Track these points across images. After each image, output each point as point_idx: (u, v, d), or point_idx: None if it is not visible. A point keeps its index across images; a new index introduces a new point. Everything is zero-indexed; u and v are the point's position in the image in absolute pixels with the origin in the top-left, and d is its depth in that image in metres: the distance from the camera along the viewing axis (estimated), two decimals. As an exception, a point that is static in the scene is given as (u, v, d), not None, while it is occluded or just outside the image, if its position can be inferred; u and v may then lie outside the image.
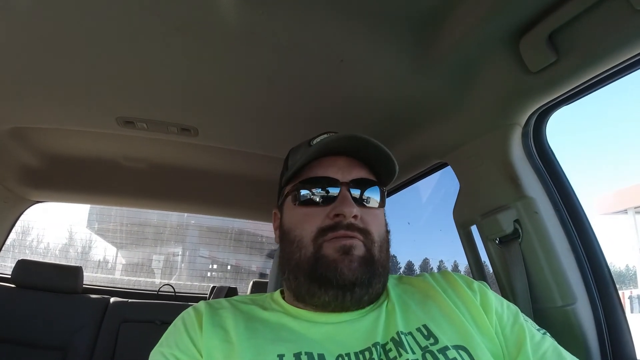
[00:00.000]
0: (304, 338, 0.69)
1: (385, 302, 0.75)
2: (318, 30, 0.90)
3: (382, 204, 0.79)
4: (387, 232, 0.81)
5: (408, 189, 1.66)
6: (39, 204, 2.44)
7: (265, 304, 0.78)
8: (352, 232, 0.71)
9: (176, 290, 2.71)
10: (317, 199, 0.75)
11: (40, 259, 3.81)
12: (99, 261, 8.53)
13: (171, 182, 2.07)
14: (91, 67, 1.07)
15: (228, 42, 0.94)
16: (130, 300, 2.31)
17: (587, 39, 0.77)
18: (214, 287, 2.69)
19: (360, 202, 0.75)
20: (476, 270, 1.21)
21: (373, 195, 0.78)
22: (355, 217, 0.72)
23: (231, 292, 2.58)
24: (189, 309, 0.75)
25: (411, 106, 1.15)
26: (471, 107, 1.06)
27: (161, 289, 2.69)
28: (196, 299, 2.71)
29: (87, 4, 0.84)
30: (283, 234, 0.80)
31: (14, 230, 2.41)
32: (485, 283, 0.81)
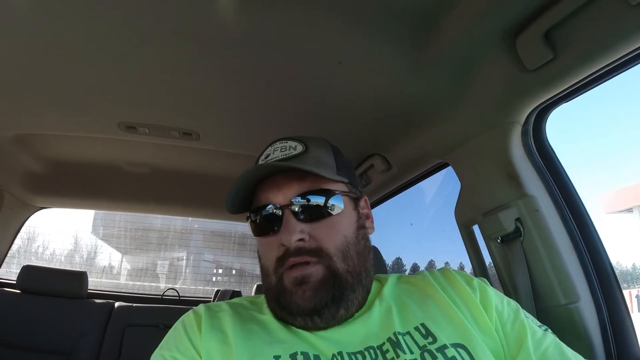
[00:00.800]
0: (299, 340, 0.69)
1: (377, 303, 0.75)
2: (315, 32, 0.90)
3: (337, 209, 0.74)
4: (358, 230, 0.77)
5: (410, 189, 1.66)
6: (44, 210, 2.46)
7: (262, 307, 0.78)
8: (301, 257, 0.69)
9: (181, 295, 2.71)
10: (267, 229, 0.74)
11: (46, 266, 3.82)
12: (104, 267, 8.57)
13: (174, 187, 2.08)
14: (92, 73, 1.07)
15: (227, 46, 0.94)
16: (134, 304, 2.32)
17: (584, 35, 0.77)
18: (218, 290, 2.70)
19: (311, 217, 0.72)
20: (479, 270, 1.21)
21: (325, 205, 0.73)
22: (302, 240, 0.70)
23: (235, 295, 2.58)
24: (189, 312, 0.76)
25: (410, 107, 1.15)
26: (470, 106, 1.06)
27: (165, 293, 2.69)
28: (200, 303, 2.72)
29: (86, 11, 0.85)
30: (259, 260, 0.80)
31: (19, 237, 2.42)
32: (485, 280, 0.81)
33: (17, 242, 2.42)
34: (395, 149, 1.40)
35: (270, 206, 0.73)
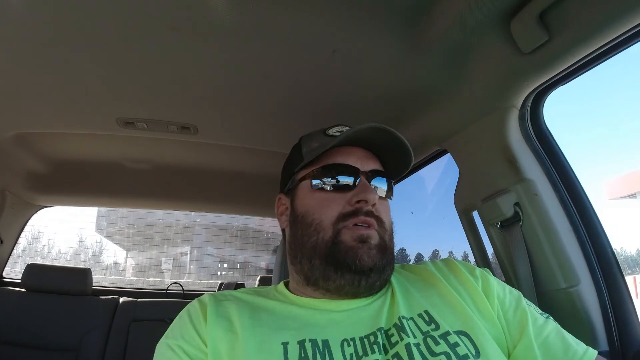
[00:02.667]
0: (308, 325, 0.69)
1: (390, 290, 0.76)
2: (309, 21, 0.90)
3: (390, 195, 0.82)
4: (391, 223, 0.82)
5: (409, 178, 1.66)
6: (48, 210, 2.48)
7: (269, 295, 0.79)
8: (371, 218, 0.73)
9: (185, 289, 2.72)
10: (338, 185, 0.77)
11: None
12: (109, 264, 8.62)
13: (175, 182, 2.09)
14: (88, 70, 1.07)
15: (221, 38, 0.94)
16: (139, 299, 2.33)
17: (578, 16, 0.76)
18: (221, 283, 2.71)
19: (378, 192, 0.77)
20: (479, 255, 1.21)
21: (385, 187, 0.80)
22: (374, 205, 0.74)
23: (239, 287, 2.59)
24: (194, 301, 0.76)
25: (407, 94, 1.14)
26: (467, 91, 1.06)
27: (170, 288, 2.71)
28: (205, 296, 2.73)
29: (80, 9, 0.85)
30: (296, 218, 0.80)
31: (25, 237, 2.43)
32: (487, 269, 0.82)
33: (23, 242, 2.44)
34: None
35: (351, 168, 0.77)
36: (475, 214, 1.19)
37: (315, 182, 0.78)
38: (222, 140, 1.55)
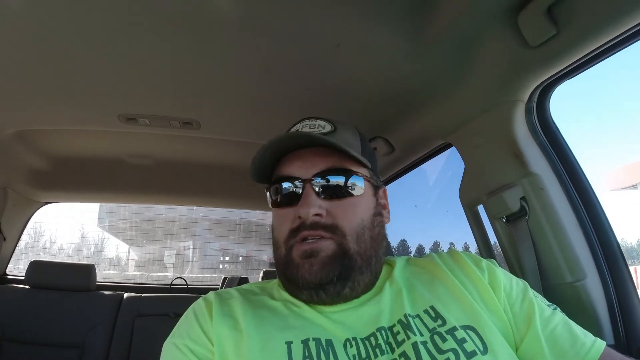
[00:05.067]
0: (311, 325, 0.69)
1: (387, 285, 0.75)
2: (312, 15, 0.89)
3: (358, 190, 0.74)
4: (375, 216, 0.77)
5: (414, 171, 1.65)
6: (50, 205, 2.48)
7: (273, 292, 0.79)
8: (316, 231, 0.70)
9: (189, 283, 2.73)
10: (286, 201, 0.75)
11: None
12: (112, 259, 8.64)
13: (177, 177, 2.09)
14: (89, 66, 1.07)
15: (223, 33, 0.93)
16: (143, 295, 2.34)
17: (587, 10, 0.75)
18: (225, 278, 2.72)
19: (331, 194, 0.73)
20: (484, 250, 1.21)
21: (345, 184, 0.74)
22: (319, 215, 0.70)
23: (242, 282, 2.60)
24: (199, 300, 0.76)
25: (411, 88, 1.14)
26: (472, 85, 1.05)
27: (173, 283, 2.71)
28: (208, 290, 2.73)
29: (81, 5, 0.84)
30: (271, 233, 0.80)
31: (26, 233, 2.44)
32: (493, 260, 0.81)
33: (25, 238, 2.45)
34: (398, 131, 1.38)
35: (292, 179, 0.74)
36: (480, 207, 1.18)
37: (269, 199, 0.78)
38: (225, 135, 1.54)
